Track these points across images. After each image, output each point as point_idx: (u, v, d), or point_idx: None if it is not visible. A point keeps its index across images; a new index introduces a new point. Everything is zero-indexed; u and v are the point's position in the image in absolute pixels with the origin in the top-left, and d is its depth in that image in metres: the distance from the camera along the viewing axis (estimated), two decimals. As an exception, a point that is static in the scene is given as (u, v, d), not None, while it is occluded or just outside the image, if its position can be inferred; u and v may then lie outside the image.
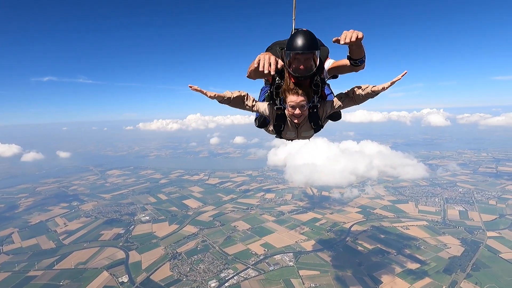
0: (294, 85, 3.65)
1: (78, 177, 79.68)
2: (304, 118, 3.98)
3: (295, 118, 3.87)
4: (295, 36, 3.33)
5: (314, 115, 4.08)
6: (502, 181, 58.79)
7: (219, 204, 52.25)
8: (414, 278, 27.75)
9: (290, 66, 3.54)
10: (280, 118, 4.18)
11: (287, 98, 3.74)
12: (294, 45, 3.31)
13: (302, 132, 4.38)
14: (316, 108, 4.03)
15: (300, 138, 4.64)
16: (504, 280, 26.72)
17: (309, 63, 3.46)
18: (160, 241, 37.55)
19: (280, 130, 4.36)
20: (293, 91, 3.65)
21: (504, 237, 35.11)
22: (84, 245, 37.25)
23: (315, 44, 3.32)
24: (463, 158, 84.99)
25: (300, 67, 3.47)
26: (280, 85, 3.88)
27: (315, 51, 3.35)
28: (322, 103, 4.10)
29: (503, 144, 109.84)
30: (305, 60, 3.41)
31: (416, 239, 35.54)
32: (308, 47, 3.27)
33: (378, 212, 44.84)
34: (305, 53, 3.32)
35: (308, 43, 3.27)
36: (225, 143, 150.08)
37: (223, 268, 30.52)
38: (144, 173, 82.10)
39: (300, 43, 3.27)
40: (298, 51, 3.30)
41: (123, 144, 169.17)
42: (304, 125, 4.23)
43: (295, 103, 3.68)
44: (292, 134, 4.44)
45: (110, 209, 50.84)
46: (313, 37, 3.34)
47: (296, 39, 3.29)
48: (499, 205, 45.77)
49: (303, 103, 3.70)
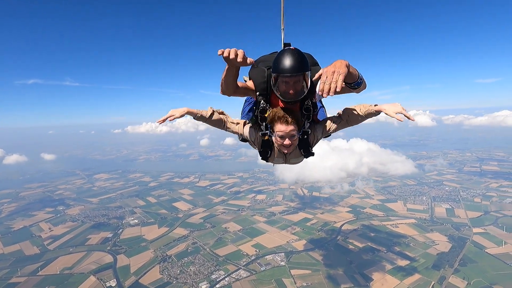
0: (283, 112, 3.22)
1: (64, 181, 77.47)
2: (294, 147, 3.55)
3: (285, 149, 3.43)
4: (282, 57, 2.91)
5: (304, 141, 3.64)
6: (486, 180, 60.43)
7: (209, 206, 51.74)
8: (404, 274, 28.06)
9: (278, 90, 3.11)
10: (266, 144, 3.72)
11: (275, 126, 3.29)
12: (281, 67, 2.88)
13: (290, 159, 3.93)
14: (307, 134, 3.58)
15: (289, 164, 4.17)
16: (490, 274, 27.34)
17: (299, 86, 3.04)
18: (150, 244, 36.79)
19: (266, 157, 3.91)
20: (282, 120, 3.20)
21: (489, 233, 35.97)
22: (70, 250, 36.09)
23: (305, 65, 2.92)
24: (449, 158, 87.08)
25: (290, 92, 3.05)
26: (266, 109, 3.43)
27: (305, 72, 2.95)
28: (313, 128, 3.66)
29: (486, 144, 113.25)
30: (295, 83, 3.00)
31: (405, 236, 36.03)
32: (297, 69, 2.85)
33: (368, 211, 45.32)
34: (294, 76, 2.91)
35: (297, 64, 2.85)
36: (216, 145, 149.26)
37: (214, 270, 30.09)
38: (132, 177, 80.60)
39: (287, 65, 2.84)
40: (286, 74, 2.89)
41: (111, 147, 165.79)
42: (293, 151, 3.75)
43: (284, 133, 3.24)
44: (280, 161, 3.99)
45: (98, 213, 49.57)
46: (302, 56, 2.93)
47: (283, 60, 2.87)
48: (483, 202, 46.98)
49: (293, 133, 3.26)
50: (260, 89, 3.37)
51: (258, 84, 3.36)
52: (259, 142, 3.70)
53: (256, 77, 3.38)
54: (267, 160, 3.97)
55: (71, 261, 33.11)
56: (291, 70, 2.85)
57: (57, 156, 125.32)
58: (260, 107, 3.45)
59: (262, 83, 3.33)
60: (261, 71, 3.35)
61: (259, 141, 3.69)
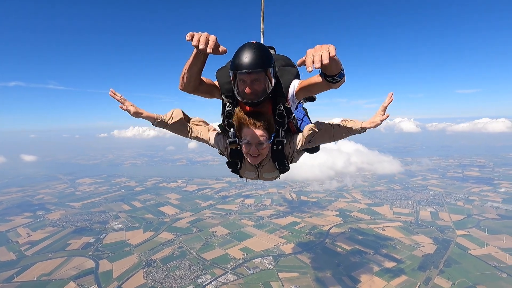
0: (251, 115, 2.77)
1: (45, 186, 74.61)
2: (263, 158, 3.06)
3: (251, 158, 2.96)
4: (238, 51, 2.52)
5: (278, 153, 3.14)
6: (468, 184, 62.27)
7: (197, 210, 50.87)
8: (391, 276, 28.23)
9: (237, 90, 2.72)
10: (235, 154, 3.22)
11: (241, 131, 2.85)
12: (236, 62, 2.50)
13: (263, 173, 3.43)
14: (282, 145, 3.09)
15: (262, 179, 3.60)
16: (473, 274, 27.88)
17: (259, 86, 2.62)
18: (134, 248, 35.64)
19: (236, 169, 3.42)
20: (248, 123, 2.77)
21: (472, 235, 36.83)
22: (49, 256, 34.48)
23: (265, 60, 2.50)
24: (433, 164, 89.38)
25: (246, 91, 2.63)
26: (232, 113, 2.96)
27: (266, 69, 2.53)
28: (289, 138, 3.17)
29: (468, 151, 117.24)
30: (252, 81, 2.59)
31: (391, 239, 36.40)
32: (254, 65, 2.45)
33: (356, 215, 45.66)
34: (251, 73, 2.51)
35: (255, 59, 2.45)
36: (204, 151, 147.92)
37: (201, 274, 29.39)
38: (118, 181, 78.51)
39: (243, 60, 2.45)
40: (241, 71, 2.49)
41: (96, 152, 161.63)
42: (266, 164, 3.28)
43: (250, 138, 2.79)
44: (252, 175, 3.48)
45: (80, 217, 47.80)
46: (262, 51, 2.52)
47: (239, 55, 2.49)
48: (466, 206, 48.21)
49: (261, 140, 2.79)
50: (225, 89, 2.97)
51: (223, 84, 2.96)
52: (227, 151, 3.25)
53: (221, 77, 2.99)
54: (237, 173, 3.52)
55: (49, 267, 31.61)
56: (247, 66, 2.44)
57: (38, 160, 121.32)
58: (226, 110, 3.03)
59: (226, 83, 2.92)
60: (226, 70, 2.90)
61: (228, 150, 3.24)
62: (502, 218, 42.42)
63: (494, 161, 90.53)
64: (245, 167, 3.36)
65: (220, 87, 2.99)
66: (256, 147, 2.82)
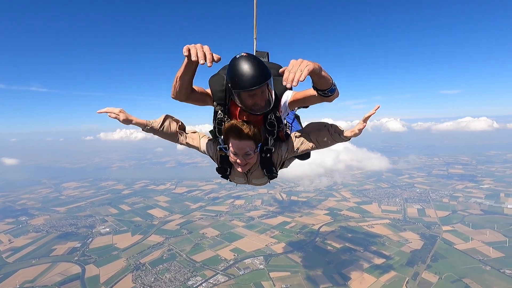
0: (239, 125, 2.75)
1: (28, 191, 72.08)
2: (251, 167, 3.10)
3: (238, 167, 2.95)
4: (238, 69, 2.41)
5: (267, 161, 3.15)
6: (453, 182, 64.06)
7: (186, 212, 50.27)
8: (380, 272, 28.62)
9: (242, 104, 2.65)
10: (225, 160, 3.22)
11: (228, 140, 2.84)
12: (238, 81, 2.43)
13: (252, 179, 3.45)
14: (270, 153, 3.10)
15: (252, 184, 3.66)
16: (459, 268, 28.60)
17: (264, 97, 2.61)
18: (122, 252, 34.82)
19: (226, 174, 3.43)
20: (235, 134, 2.74)
21: (457, 230, 37.83)
22: (32, 262, 33.27)
23: (265, 73, 2.47)
24: (419, 162, 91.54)
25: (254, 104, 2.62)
26: (223, 121, 2.96)
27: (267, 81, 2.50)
28: (278, 146, 3.17)
29: (452, 150, 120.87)
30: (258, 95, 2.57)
31: (380, 236, 36.94)
32: (257, 81, 2.40)
33: (345, 213, 46.15)
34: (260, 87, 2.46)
35: (257, 74, 2.40)
36: (193, 153, 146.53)
37: (191, 276, 28.97)
38: (105, 185, 76.73)
39: (246, 78, 2.39)
40: (252, 89, 2.43)
41: (81, 156, 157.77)
42: (255, 171, 3.29)
43: (236, 149, 2.79)
44: (241, 180, 3.49)
45: (65, 222, 46.40)
46: (259, 63, 2.47)
47: (239, 72, 2.41)
48: (451, 202, 49.55)
49: (247, 150, 2.79)
50: (217, 98, 2.94)
51: (215, 92, 2.93)
52: (217, 157, 3.27)
53: (214, 85, 2.97)
54: (227, 178, 3.53)
55: (33, 274, 30.50)
56: (252, 83, 2.38)
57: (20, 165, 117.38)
58: (217, 118, 3.00)
59: (219, 92, 2.91)
60: (220, 78, 2.93)
61: (217, 157, 3.26)
62: (485, 213, 43.82)
63: (476, 159, 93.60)
64: (234, 173, 3.35)
65: (212, 95, 2.96)
66: (243, 157, 2.82)
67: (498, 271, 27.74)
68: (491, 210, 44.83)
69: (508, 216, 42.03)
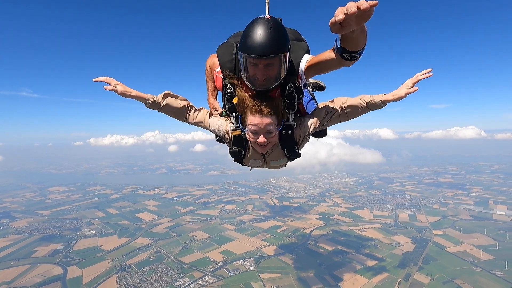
0: (256, 100, 2.42)
1: (12, 194, 69.51)
2: (272, 146, 2.77)
3: (260, 148, 2.67)
4: (251, 30, 2.12)
5: (288, 138, 2.75)
6: (443, 189, 64.76)
7: (176, 216, 49.07)
8: (373, 273, 28.16)
9: (246, 74, 2.37)
10: (238, 141, 2.84)
11: (246, 118, 2.53)
12: (248, 45, 2.13)
13: (270, 161, 3.04)
14: (292, 129, 2.72)
15: (269, 168, 3.22)
16: (450, 270, 28.43)
17: (273, 71, 2.28)
18: (107, 254, 33.48)
19: (240, 158, 2.99)
20: (254, 109, 2.42)
21: (448, 234, 37.86)
22: (11, 263, 31.66)
23: (282, 43, 2.15)
24: (409, 172, 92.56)
25: (258, 77, 2.31)
26: (233, 96, 2.62)
27: (281, 54, 2.18)
28: (299, 121, 2.79)
29: (441, 160, 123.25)
30: (265, 66, 2.24)
31: (372, 239, 36.62)
32: (269, 49, 2.09)
33: (337, 218, 45.79)
34: (266, 58, 2.16)
35: (271, 42, 2.09)
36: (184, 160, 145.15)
37: (178, 277, 27.91)
38: (92, 189, 74.76)
39: (257, 42, 2.08)
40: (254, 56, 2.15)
41: (69, 161, 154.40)
42: (274, 151, 2.89)
43: (257, 127, 2.46)
44: (258, 163, 3.10)
45: (49, 225, 44.63)
46: (278, 31, 2.13)
47: (251, 34, 2.11)
48: (441, 208, 49.85)
49: (270, 128, 2.47)
50: (226, 68, 2.64)
51: (224, 63, 2.65)
52: (230, 138, 2.86)
53: (222, 54, 2.68)
54: (241, 162, 3.11)
55: (11, 275, 28.93)
56: (262, 50, 2.09)
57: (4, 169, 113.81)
58: (226, 92, 2.68)
59: (228, 62, 2.61)
60: (229, 47, 2.64)
61: (230, 138, 2.85)
62: (474, 219, 44.09)
63: (465, 169, 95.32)
64: (250, 155, 2.98)
65: (220, 66, 2.72)
66: (264, 136, 2.51)
67: (489, 273, 27.63)
68: (481, 216, 45.16)
69: (497, 222, 42.36)
